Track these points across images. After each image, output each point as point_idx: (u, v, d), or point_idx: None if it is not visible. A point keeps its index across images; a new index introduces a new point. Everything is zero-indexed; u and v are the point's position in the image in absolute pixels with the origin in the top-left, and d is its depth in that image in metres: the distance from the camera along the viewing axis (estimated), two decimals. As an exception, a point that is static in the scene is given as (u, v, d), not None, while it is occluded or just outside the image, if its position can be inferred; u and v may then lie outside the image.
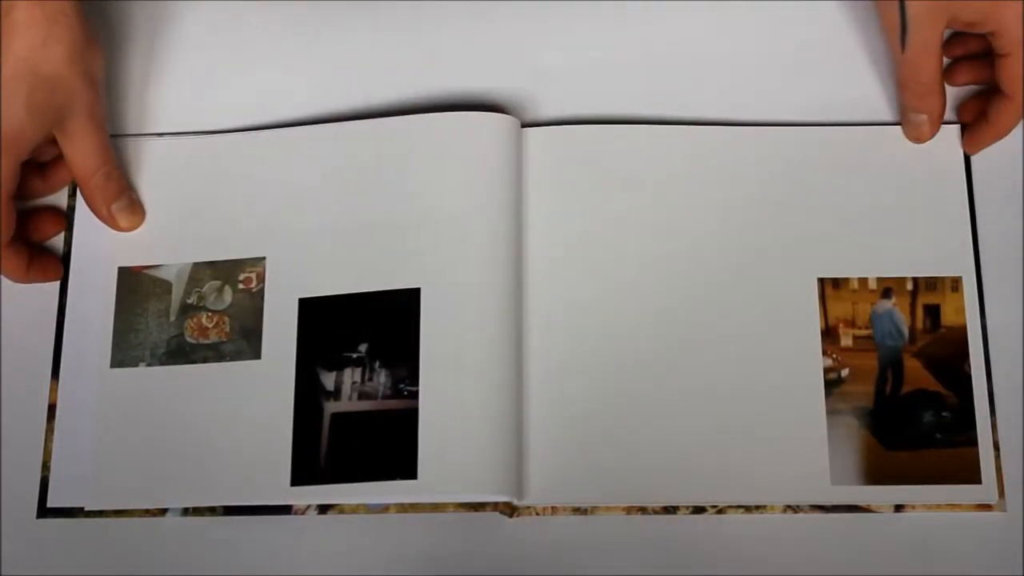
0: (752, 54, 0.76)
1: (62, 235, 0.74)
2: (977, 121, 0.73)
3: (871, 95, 0.75)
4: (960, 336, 0.70)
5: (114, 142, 0.73)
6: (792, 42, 0.76)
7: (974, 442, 0.68)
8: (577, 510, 0.68)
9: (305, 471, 0.68)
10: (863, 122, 0.74)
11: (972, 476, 0.68)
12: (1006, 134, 0.72)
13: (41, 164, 0.73)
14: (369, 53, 0.77)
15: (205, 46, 0.77)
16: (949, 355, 0.70)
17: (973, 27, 0.71)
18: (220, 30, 0.78)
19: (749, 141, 0.73)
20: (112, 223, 0.72)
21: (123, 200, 0.72)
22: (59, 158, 0.73)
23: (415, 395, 0.69)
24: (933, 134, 0.73)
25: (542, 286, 0.71)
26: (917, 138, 0.73)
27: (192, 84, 0.77)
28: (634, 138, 0.73)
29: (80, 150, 0.70)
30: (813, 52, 0.76)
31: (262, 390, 0.70)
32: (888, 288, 0.71)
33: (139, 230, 0.73)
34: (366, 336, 0.70)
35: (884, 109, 0.74)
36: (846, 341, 0.70)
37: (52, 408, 0.70)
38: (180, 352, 0.71)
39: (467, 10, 0.77)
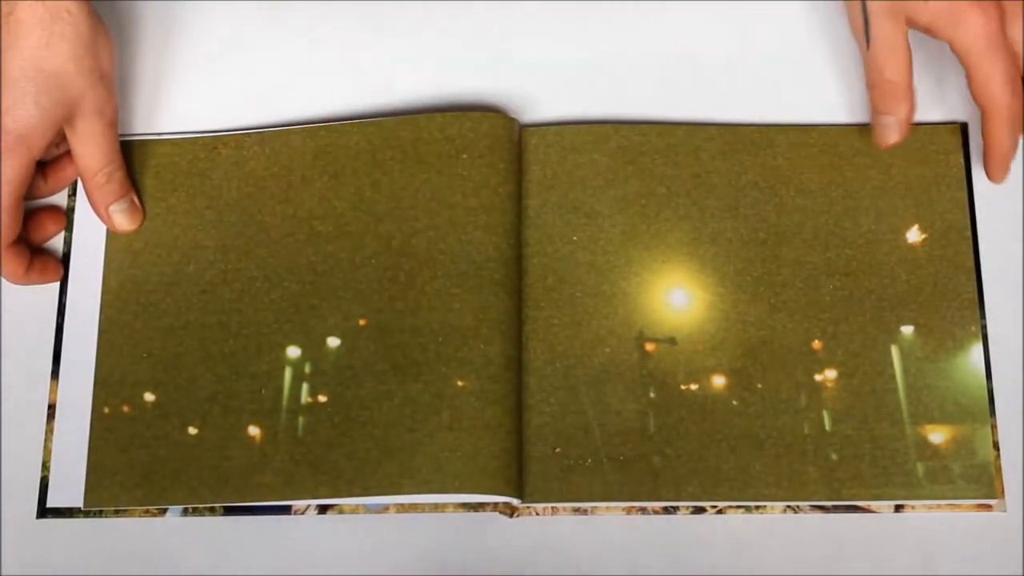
0: (752, 54, 0.76)
1: (62, 235, 0.74)
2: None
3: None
4: None
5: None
6: (792, 42, 0.76)
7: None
8: (577, 510, 0.68)
9: (305, 471, 0.68)
10: (863, 123, 0.74)
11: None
12: (1006, 151, 0.68)
13: (42, 164, 0.73)
14: (370, 54, 0.77)
15: (207, 47, 0.77)
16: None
17: (930, 32, 0.67)
18: (220, 31, 0.78)
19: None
20: (108, 223, 0.72)
21: (122, 203, 0.72)
22: (61, 158, 0.73)
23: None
24: (901, 138, 0.69)
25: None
26: (883, 141, 0.69)
27: (193, 85, 0.77)
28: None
29: (86, 148, 0.70)
30: (814, 52, 0.76)
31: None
32: None
33: (139, 231, 0.73)
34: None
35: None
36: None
37: (52, 408, 0.70)
38: (180, 352, 0.71)
39: (467, 10, 0.77)
